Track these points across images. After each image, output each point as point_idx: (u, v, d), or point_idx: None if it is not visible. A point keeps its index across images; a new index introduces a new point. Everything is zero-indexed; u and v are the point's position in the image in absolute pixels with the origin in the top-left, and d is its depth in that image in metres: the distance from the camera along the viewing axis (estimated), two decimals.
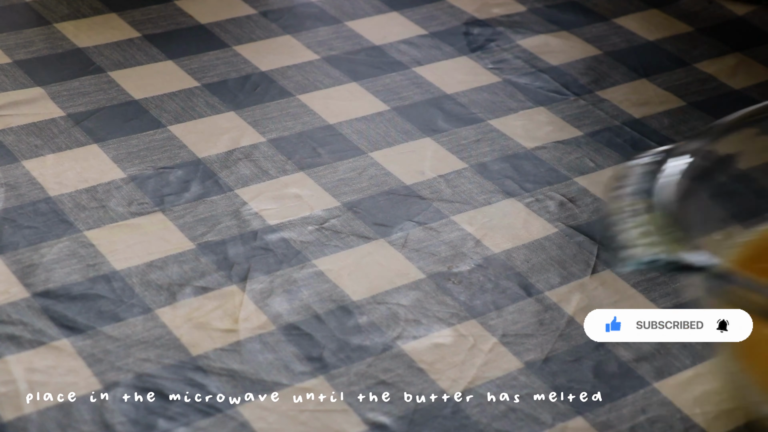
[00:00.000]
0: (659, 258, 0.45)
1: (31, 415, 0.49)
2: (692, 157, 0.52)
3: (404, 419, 0.50)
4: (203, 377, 0.51)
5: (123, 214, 0.60)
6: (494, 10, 0.84)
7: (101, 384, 0.51)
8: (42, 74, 0.72)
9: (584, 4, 0.86)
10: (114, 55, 0.74)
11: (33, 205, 0.61)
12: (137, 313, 0.54)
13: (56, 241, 0.58)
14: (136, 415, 0.49)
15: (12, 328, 0.53)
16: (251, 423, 0.50)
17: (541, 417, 0.51)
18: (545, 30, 0.82)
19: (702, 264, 0.45)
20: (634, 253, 0.46)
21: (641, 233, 0.47)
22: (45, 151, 0.65)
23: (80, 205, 0.61)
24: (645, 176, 0.51)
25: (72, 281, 0.56)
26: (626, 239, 0.47)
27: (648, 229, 0.47)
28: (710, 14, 0.87)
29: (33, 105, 0.69)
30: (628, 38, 0.82)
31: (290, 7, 0.83)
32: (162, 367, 0.52)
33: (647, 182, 0.50)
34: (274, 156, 0.66)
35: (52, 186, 0.62)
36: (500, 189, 0.64)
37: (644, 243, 0.46)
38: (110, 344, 0.53)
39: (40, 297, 0.55)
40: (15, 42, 0.75)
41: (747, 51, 0.82)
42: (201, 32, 0.78)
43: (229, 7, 0.81)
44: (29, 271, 0.56)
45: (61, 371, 0.51)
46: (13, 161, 0.64)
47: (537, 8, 0.85)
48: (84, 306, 0.55)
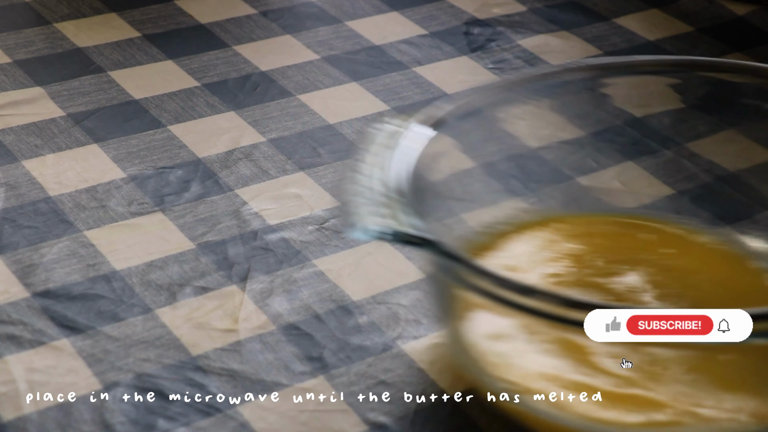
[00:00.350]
0: (387, 229, 0.46)
1: (31, 415, 0.49)
2: (434, 128, 0.53)
3: (404, 419, 0.50)
4: (203, 377, 0.51)
5: (123, 214, 0.60)
6: (494, 10, 0.84)
7: (101, 384, 0.50)
8: (42, 74, 0.72)
9: (584, 3, 0.86)
10: (114, 55, 0.74)
11: (33, 204, 0.61)
12: (137, 313, 0.54)
13: (56, 241, 0.58)
14: (136, 415, 0.49)
15: (12, 328, 0.53)
16: (251, 423, 0.49)
17: None
18: (545, 30, 0.82)
19: (426, 238, 0.46)
20: (364, 223, 0.46)
21: (373, 202, 0.48)
22: (45, 150, 0.65)
23: (80, 204, 0.61)
24: (383, 146, 0.51)
25: (72, 281, 0.56)
26: (357, 208, 0.47)
27: (380, 199, 0.48)
28: (710, 14, 0.87)
29: (33, 105, 0.69)
30: (628, 38, 0.82)
31: (290, 6, 0.82)
32: (162, 367, 0.52)
33: (385, 151, 0.51)
34: (274, 156, 0.66)
35: (52, 186, 0.62)
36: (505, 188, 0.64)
37: (375, 213, 0.47)
38: (110, 344, 0.53)
39: (40, 297, 0.55)
40: (15, 42, 0.75)
41: (747, 51, 0.82)
42: (201, 32, 0.78)
43: (229, 7, 0.81)
44: (29, 271, 0.56)
45: (61, 371, 0.51)
46: (13, 161, 0.64)
47: (537, 8, 0.85)
48: (84, 306, 0.54)
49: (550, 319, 0.45)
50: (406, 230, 0.46)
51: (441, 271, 0.49)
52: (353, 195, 0.48)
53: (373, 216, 0.47)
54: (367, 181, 0.49)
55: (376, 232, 0.46)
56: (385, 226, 0.46)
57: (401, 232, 0.46)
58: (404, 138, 0.52)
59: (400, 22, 0.81)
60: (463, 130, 0.55)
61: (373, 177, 0.49)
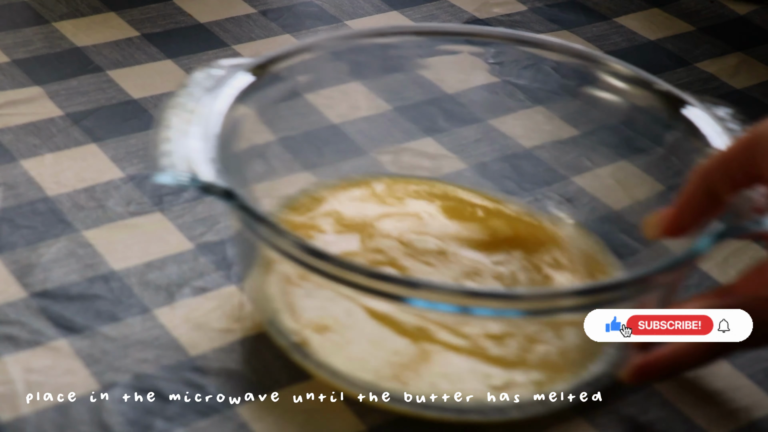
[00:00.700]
0: (191, 177, 0.48)
1: (29, 416, 0.49)
2: (254, 75, 0.55)
3: (404, 419, 0.50)
4: (202, 377, 0.51)
5: (121, 214, 0.60)
6: (495, 10, 0.84)
7: (99, 384, 0.50)
8: (40, 73, 0.72)
9: (585, 3, 0.86)
10: (113, 54, 0.74)
11: (31, 204, 0.60)
12: (135, 313, 0.54)
13: (54, 240, 0.58)
14: (134, 415, 0.49)
15: (10, 328, 0.53)
16: (250, 423, 0.49)
17: (540, 417, 0.51)
18: (546, 29, 0.82)
19: (221, 187, 0.48)
20: (164, 170, 0.48)
21: (183, 151, 0.49)
22: (43, 150, 0.65)
23: (78, 204, 0.61)
24: (198, 96, 0.53)
25: (70, 281, 0.56)
26: (166, 155, 0.49)
27: (189, 149, 0.49)
28: (712, 13, 0.87)
29: (31, 104, 0.69)
30: (629, 37, 0.82)
31: (290, 6, 0.82)
32: (160, 367, 0.51)
33: (199, 102, 0.53)
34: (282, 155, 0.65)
35: (51, 186, 0.62)
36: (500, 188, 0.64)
37: (183, 161, 0.49)
38: (108, 344, 0.52)
39: (38, 297, 0.55)
40: (13, 41, 0.75)
41: (748, 50, 0.82)
42: (200, 31, 0.78)
43: (228, 6, 0.81)
44: (27, 271, 0.56)
45: (58, 371, 0.51)
46: (11, 161, 0.64)
47: (538, 7, 0.85)
48: (82, 306, 0.54)
49: (322, 275, 0.47)
50: (208, 180, 0.48)
51: (241, 223, 0.50)
52: (164, 142, 0.50)
53: (180, 163, 0.48)
54: (178, 130, 0.50)
55: (182, 180, 0.48)
56: (190, 174, 0.48)
57: (205, 181, 0.48)
58: (220, 89, 0.54)
59: (400, 22, 0.81)
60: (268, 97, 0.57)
61: (185, 126, 0.51)
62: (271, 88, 0.57)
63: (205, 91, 0.53)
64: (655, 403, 0.52)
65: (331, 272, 0.46)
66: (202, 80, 0.54)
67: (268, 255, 0.51)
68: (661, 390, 0.53)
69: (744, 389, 0.53)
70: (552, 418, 0.51)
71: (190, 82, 0.54)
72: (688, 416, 0.52)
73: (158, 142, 0.49)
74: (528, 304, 0.47)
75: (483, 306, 0.46)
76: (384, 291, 0.46)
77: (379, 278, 0.46)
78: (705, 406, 0.52)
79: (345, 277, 0.46)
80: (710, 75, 0.78)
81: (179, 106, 0.52)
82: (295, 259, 0.47)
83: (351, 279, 0.46)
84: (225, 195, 0.48)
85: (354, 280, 0.46)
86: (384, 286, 0.46)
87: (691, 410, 0.52)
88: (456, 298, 0.46)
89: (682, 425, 0.51)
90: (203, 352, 0.52)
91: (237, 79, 0.55)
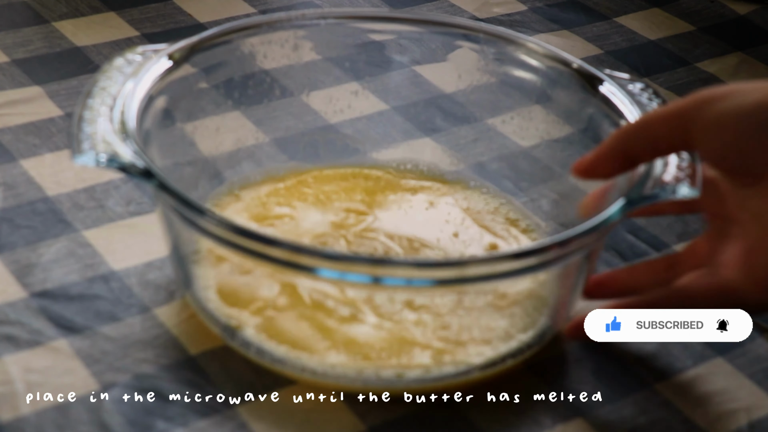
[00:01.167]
0: (102, 158, 0.48)
1: (29, 416, 0.49)
2: (173, 61, 0.56)
3: (404, 418, 0.50)
4: (202, 377, 0.51)
5: (121, 214, 0.60)
6: (495, 9, 0.84)
7: (99, 384, 0.50)
8: (40, 73, 0.72)
9: (585, 3, 0.86)
10: (113, 54, 0.74)
11: (31, 204, 0.60)
12: (135, 313, 0.54)
13: (54, 240, 0.58)
14: (134, 415, 0.49)
15: (9, 328, 0.53)
16: (250, 423, 0.49)
17: (540, 417, 0.51)
18: (546, 29, 0.82)
19: (140, 167, 0.48)
20: (84, 152, 0.49)
21: (105, 132, 0.50)
22: (43, 150, 0.65)
23: (78, 204, 0.61)
24: (121, 77, 0.54)
25: (70, 281, 0.56)
26: (88, 135, 0.49)
27: (102, 128, 0.50)
28: (712, 13, 0.87)
29: (31, 104, 0.69)
30: (629, 37, 0.82)
31: (290, 6, 0.82)
32: (160, 367, 0.51)
33: (120, 82, 0.53)
34: (276, 155, 0.65)
35: (50, 185, 0.62)
36: None
37: (105, 142, 0.49)
38: (108, 344, 0.52)
39: (37, 297, 0.55)
40: (13, 41, 0.75)
41: (749, 50, 0.82)
42: (200, 31, 0.78)
43: (228, 6, 0.81)
44: (27, 271, 0.56)
45: (58, 372, 0.51)
46: (11, 160, 0.64)
47: (538, 7, 0.85)
48: (82, 306, 0.54)
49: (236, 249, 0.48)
50: (129, 160, 0.49)
51: (165, 206, 0.51)
52: (85, 122, 0.50)
53: (102, 144, 0.49)
54: (99, 113, 0.51)
55: (101, 161, 0.48)
56: (109, 155, 0.48)
57: (124, 161, 0.49)
58: (143, 73, 0.54)
59: None
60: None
61: (106, 110, 0.51)
62: (193, 73, 0.58)
63: (125, 76, 0.54)
64: (655, 403, 0.52)
65: (247, 246, 0.47)
66: (121, 66, 0.55)
67: (192, 236, 0.52)
68: (661, 390, 0.53)
69: (744, 389, 0.53)
70: (552, 420, 0.51)
71: (110, 67, 0.54)
72: (687, 416, 0.52)
73: (79, 124, 0.50)
74: (440, 273, 0.47)
75: (393, 276, 0.47)
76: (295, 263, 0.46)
77: (290, 249, 0.46)
78: (705, 406, 0.52)
79: (257, 249, 0.46)
80: (710, 75, 0.78)
81: (100, 91, 0.52)
82: (213, 236, 0.48)
83: (265, 252, 0.46)
84: (144, 174, 0.48)
85: (268, 252, 0.46)
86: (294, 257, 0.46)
87: (691, 410, 0.52)
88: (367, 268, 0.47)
89: (682, 425, 0.51)
90: (203, 352, 0.52)
91: (157, 64, 0.55)
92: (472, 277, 0.48)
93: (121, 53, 0.55)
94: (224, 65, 0.60)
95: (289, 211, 0.59)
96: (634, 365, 0.54)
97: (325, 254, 0.47)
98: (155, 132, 0.54)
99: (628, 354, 0.55)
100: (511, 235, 0.59)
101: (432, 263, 0.50)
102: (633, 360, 0.54)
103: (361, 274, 0.47)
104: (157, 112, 0.55)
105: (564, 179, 0.59)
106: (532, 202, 0.61)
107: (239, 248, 0.47)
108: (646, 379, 0.53)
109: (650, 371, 0.54)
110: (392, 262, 0.50)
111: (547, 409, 0.51)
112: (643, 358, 0.54)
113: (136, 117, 0.52)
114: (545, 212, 0.61)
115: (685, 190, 0.49)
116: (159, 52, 0.56)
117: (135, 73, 0.54)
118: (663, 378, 0.53)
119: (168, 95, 0.56)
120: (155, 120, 0.54)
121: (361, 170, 0.62)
